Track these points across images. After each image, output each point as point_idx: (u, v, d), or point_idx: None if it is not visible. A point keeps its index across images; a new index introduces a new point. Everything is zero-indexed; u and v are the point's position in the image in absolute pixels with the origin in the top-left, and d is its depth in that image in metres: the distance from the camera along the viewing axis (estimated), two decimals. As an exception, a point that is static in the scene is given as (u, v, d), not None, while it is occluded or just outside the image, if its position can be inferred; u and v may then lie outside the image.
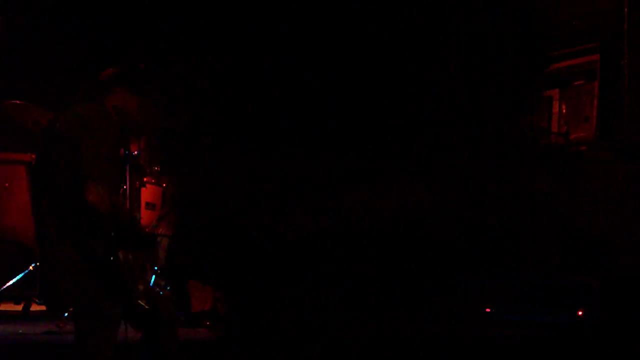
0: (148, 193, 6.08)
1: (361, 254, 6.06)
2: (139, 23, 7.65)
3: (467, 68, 7.32)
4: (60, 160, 3.95)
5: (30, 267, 6.13)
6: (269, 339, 5.32)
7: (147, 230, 4.07)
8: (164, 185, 5.76)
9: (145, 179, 5.41)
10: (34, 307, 6.09)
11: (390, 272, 6.10)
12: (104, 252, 3.90)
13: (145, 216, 6.04)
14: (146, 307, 3.92)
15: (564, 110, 7.10)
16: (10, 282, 6.10)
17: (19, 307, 6.08)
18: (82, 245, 3.92)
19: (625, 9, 6.66)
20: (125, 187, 5.17)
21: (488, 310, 5.98)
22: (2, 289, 6.09)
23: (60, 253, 3.95)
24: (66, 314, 5.47)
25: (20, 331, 5.24)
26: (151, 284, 4.30)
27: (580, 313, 5.76)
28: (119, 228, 3.91)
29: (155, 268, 4.19)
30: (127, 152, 4.51)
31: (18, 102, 6.12)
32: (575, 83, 7.10)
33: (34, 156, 6.71)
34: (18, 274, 6.13)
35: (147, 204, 6.06)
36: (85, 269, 3.91)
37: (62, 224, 3.95)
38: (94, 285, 3.91)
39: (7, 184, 6.71)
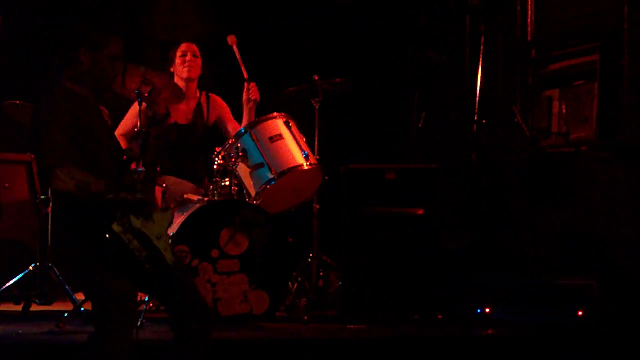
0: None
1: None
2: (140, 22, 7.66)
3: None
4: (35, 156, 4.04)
5: (30, 267, 6.14)
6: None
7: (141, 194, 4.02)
8: (164, 185, 5.76)
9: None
10: (34, 307, 6.10)
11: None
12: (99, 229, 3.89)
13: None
14: (151, 270, 3.91)
15: (564, 110, 7.10)
16: (10, 282, 6.11)
17: (19, 307, 6.08)
18: (81, 231, 3.95)
19: (625, 9, 6.65)
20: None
21: (488, 310, 5.98)
22: (2, 289, 6.09)
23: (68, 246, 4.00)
24: (66, 314, 5.48)
25: (20, 331, 5.24)
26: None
27: (580, 313, 5.76)
28: (96, 201, 3.88)
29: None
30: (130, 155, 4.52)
31: (18, 102, 6.13)
32: (575, 83, 7.09)
33: (33, 156, 6.73)
34: (18, 274, 6.13)
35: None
36: (89, 255, 3.93)
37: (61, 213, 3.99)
38: (99, 268, 3.93)
39: (7, 184, 6.72)
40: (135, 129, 5.82)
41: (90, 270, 3.97)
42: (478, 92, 6.80)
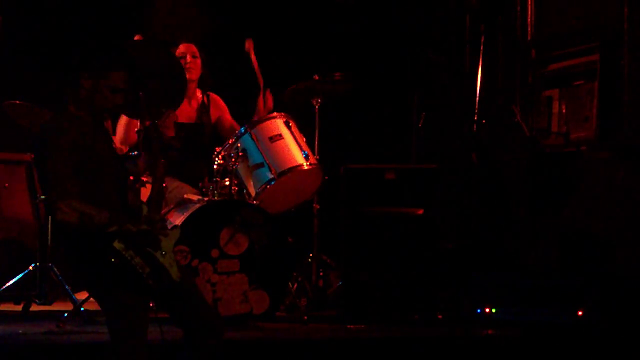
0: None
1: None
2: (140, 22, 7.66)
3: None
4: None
5: (30, 267, 6.14)
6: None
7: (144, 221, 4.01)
8: (165, 185, 5.76)
9: (144, 179, 5.41)
10: (34, 307, 6.10)
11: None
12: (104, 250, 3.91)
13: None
14: (155, 286, 3.92)
15: (564, 110, 7.10)
16: (10, 282, 6.11)
17: (19, 307, 6.08)
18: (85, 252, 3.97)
19: (625, 9, 6.65)
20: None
21: (488, 310, 5.97)
22: (2, 289, 6.09)
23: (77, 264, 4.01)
24: (66, 314, 5.48)
25: (20, 331, 5.24)
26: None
27: (580, 313, 5.76)
28: (100, 233, 3.90)
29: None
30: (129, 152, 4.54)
31: (18, 102, 6.12)
32: (575, 83, 7.09)
33: (33, 156, 6.72)
34: (18, 274, 6.13)
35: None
36: (97, 272, 3.95)
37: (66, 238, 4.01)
38: (108, 283, 3.93)
39: (7, 184, 6.72)
40: (136, 129, 5.83)
41: (103, 289, 4.00)
42: (478, 92, 6.81)
